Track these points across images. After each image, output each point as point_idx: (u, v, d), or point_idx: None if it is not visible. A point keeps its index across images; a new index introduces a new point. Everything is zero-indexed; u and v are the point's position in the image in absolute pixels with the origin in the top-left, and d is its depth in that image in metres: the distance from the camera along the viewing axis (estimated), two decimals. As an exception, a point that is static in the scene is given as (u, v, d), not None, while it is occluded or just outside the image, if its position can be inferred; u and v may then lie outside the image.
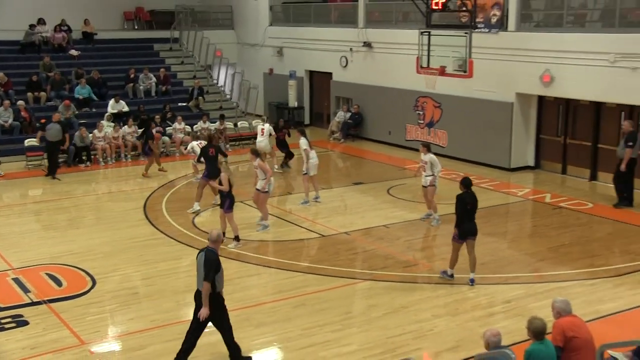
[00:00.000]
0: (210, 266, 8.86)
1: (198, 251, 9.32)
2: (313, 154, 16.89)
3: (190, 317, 9.17)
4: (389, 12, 25.24)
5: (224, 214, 14.01)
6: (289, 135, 20.66)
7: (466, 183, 11.98)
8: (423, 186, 15.72)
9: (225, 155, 18.53)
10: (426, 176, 15.51)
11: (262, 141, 20.12)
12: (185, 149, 19.07)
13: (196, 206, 16.58)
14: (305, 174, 16.94)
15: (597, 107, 19.21)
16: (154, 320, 10.74)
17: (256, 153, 15.30)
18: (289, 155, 21.02)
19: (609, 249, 14.06)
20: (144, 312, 11.12)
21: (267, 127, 20.46)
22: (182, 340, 9.18)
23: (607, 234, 15.14)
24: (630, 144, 16.71)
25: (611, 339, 8.79)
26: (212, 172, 15.87)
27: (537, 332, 7.61)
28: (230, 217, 13.98)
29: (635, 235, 14.92)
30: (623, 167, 16.74)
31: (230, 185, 13.82)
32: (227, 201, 13.87)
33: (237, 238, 14.04)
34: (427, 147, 15.76)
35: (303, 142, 16.77)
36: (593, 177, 19.45)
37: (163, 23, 31.17)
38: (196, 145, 17.99)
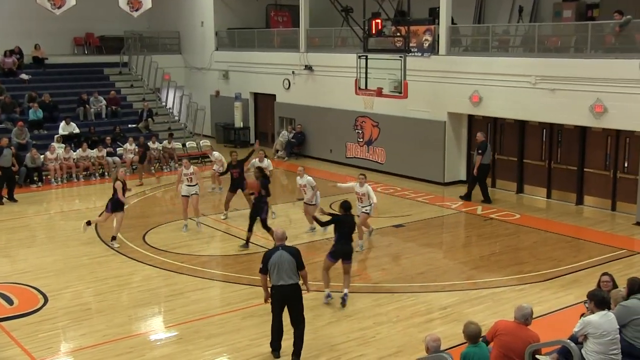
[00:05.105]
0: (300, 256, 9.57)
1: (269, 251, 9.67)
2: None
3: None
4: (328, 38, 25.39)
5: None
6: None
7: (346, 206, 11.63)
8: (362, 212, 14.82)
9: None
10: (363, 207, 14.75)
11: None
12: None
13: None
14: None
15: (522, 125, 19.61)
16: (106, 335, 10.43)
17: None
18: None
19: (535, 256, 14.28)
20: (95, 327, 10.78)
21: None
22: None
23: (533, 242, 15.39)
24: (480, 151, 18.50)
25: (540, 340, 8.86)
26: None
27: (471, 335, 7.66)
28: None
29: (557, 242, 15.22)
30: (475, 172, 18.61)
31: None
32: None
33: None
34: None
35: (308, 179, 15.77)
36: (520, 189, 19.83)
37: (112, 48, 30.65)
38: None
